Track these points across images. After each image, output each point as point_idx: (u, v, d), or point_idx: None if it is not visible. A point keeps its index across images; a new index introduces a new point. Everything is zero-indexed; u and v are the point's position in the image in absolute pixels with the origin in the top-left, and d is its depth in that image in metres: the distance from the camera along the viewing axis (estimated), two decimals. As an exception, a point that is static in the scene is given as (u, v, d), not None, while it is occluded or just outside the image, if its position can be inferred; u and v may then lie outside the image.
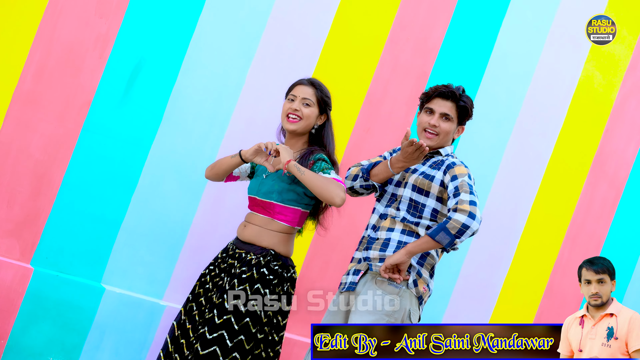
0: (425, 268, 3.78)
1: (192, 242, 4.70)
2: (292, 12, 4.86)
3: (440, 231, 3.64)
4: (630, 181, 5.69)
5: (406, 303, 3.71)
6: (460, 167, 3.76)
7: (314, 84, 3.97)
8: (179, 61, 4.67)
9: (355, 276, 3.80)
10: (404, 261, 3.68)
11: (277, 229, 3.86)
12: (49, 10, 4.45)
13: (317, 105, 3.94)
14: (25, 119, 4.44)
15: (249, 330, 3.72)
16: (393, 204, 3.84)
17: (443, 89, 3.85)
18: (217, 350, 3.66)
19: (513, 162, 5.40)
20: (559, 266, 5.56)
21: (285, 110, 3.92)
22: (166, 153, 4.65)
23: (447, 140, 3.88)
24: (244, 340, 3.70)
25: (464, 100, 3.85)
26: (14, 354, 4.39)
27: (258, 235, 3.87)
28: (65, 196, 4.51)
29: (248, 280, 3.76)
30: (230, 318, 3.70)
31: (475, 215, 3.63)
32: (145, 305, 4.62)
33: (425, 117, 3.87)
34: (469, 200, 3.66)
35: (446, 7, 5.17)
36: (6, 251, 4.44)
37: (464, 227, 3.62)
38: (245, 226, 3.91)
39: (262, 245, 3.85)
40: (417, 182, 3.80)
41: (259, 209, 3.88)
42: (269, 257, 3.81)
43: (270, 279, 3.80)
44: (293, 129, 3.92)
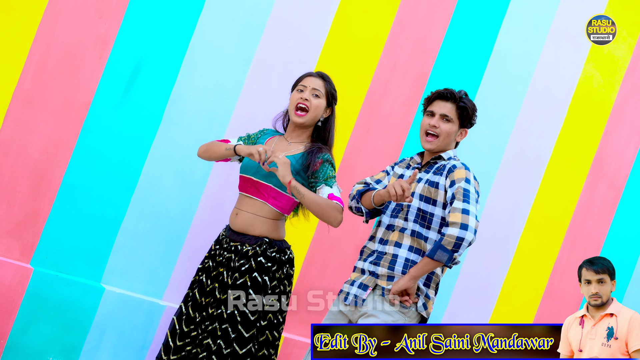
0: (432, 288, 3.78)
1: (192, 242, 4.70)
2: (292, 12, 4.86)
3: (437, 250, 3.63)
4: (630, 181, 5.69)
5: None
6: (460, 171, 3.74)
7: (323, 76, 4.03)
8: (179, 61, 4.67)
9: (362, 291, 3.77)
10: (410, 286, 3.67)
11: (268, 215, 3.90)
12: (49, 11, 4.45)
13: (325, 98, 3.98)
14: (25, 119, 4.44)
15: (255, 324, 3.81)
16: (400, 214, 3.82)
17: (442, 91, 3.87)
18: (227, 345, 3.76)
19: (512, 162, 5.40)
20: (558, 266, 5.56)
21: (295, 101, 3.95)
22: (166, 153, 4.65)
23: (448, 142, 3.86)
24: (252, 333, 3.80)
25: (464, 101, 3.85)
26: (14, 354, 4.38)
27: (251, 223, 3.90)
28: (65, 196, 4.51)
29: (247, 272, 3.82)
30: (235, 314, 3.78)
31: (468, 224, 3.60)
32: (145, 305, 4.62)
33: (426, 119, 3.87)
34: (461, 208, 3.64)
35: (446, 7, 5.17)
36: (6, 251, 4.44)
37: (459, 239, 3.60)
38: (238, 214, 3.94)
39: (255, 234, 3.89)
40: (424, 191, 3.77)
41: (253, 191, 3.91)
42: (264, 245, 3.85)
43: (269, 267, 3.85)
44: (301, 122, 3.95)
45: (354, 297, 3.77)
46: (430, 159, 3.87)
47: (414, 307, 3.71)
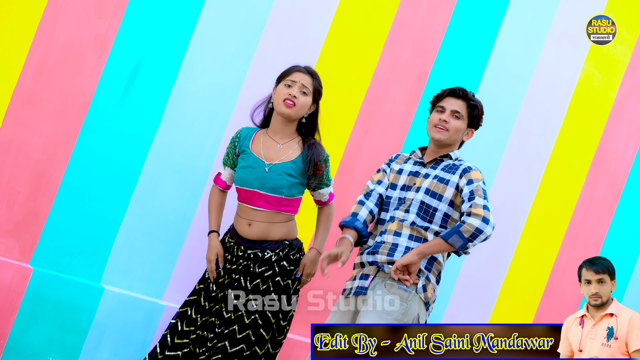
0: (433, 273, 3.78)
1: (192, 242, 4.69)
2: (291, 11, 4.85)
3: (454, 234, 3.65)
4: (630, 180, 5.68)
5: (415, 307, 3.71)
6: (476, 172, 3.81)
7: (312, 73, 4.05)
8: (179, 61, 4.66)
9: (363, 281, 3.78)
10: (415, 262, 3.67)
11: (283, 219, 3.91)
12: (48, 10, 4.44)
13: (312, 95, 3.99)
14: (25, 118, 4.44)
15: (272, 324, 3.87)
16: (401, 206, 3.83)
17: (455, 89, 3.92)
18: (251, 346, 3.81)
19: (512, 161, 5.39)
20: (558, 266, 5.56)
21: (282, 95, 3.95)
22: (166, 153, 4.65)
23: (456, 139, 3.88)
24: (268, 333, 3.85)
25: (474, 100, 3.91)
26: (14, 354, 4.38)
27: (267, 231, 3.90)
28: (65, 196, 4.50)
29: (270, 277, 3.85)
30: (257, 318, 3.82)
31: (489, 220, 3.67)
32: (145, 305, 4.62)
33: (436, 115, 3.90)
34: (483, 205, 3.69)
35: (446, 6, 5.17)
36: (5, 251, 4.44)
37: (478, 231, 3.65)
38: (251, 225, 3.92)
39: (274, 239, 3.90)
40: (431, 186, 3.80)
41: (263, 203, 3.90)
42: (286, 249, 3.86)
43: (291, 270, 3.91)
44: (289, 113, 3.94)
45: (357, 288, 3.79)
46: (438, 156, 3.89)
47: (413, 288, 3.71)
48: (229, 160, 4.08)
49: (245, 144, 4.03)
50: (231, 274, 3.92)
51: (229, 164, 4.08)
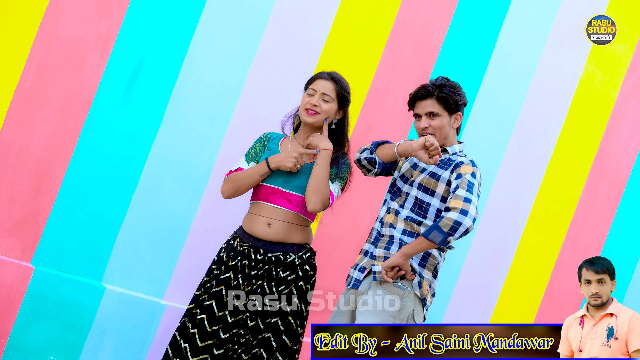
0: (427, 269, 3.78)
1: (193, 241, 4.70)
2: (293, 10, 4.85)
3: (433, 230, 3.64)
4: (631, 180, 5.68)
5: (410, 304, 3.72)
6: (467, 166, 3.76)
7: (334, 78, 3.96)
8: (180, 60, 4.67)
9: (360, 273, 3.83)
10: (400, 263, 3.68)
11: (303, 223, 3.88)
12: (50, 9, 4.45)
13: (336, 101, 3.95)
14: (26, 117, 4.45)
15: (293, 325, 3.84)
16: (398, 198, 3.85)
17: (417, 92, 3.87)
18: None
19: (514, 161, 5.40)
20: (559, 266, 5.56)
21: (304, 104, 3.92)
22: (167, 152, 4.66)
23: (446, 135, 3.87)
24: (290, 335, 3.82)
25: (443, 92, 3.83)
26: (15, 353, 4.39)
27: (288, 232, 3.83)
28: (66, 195, 4.51)
29: (293, 281, 3.79)
30: (278, 320, 3.78)
31: (468, 211, 3.61)
32: (146, 305, 4.62)
33: (416, 123, 3.90)
34: (464, 197, 3.65)
35: (447, 6, 5.17)
36: (7, 250, 4.45)
37: (456, 224, 3.61)
38: (270, 224, 3.85)
39: (296, 242, 3.85)
40: (423, 181, 3.80)
41: (284, 202, 3.84)
42: (308, 252, 3.85)
43: (311, 275, 3.87)
44: (312, 122, 3.92)
45: (354, 280, 3.83)
46: None
47: (408, 285, 3.71)
48: (255, 155, 3.97)
49: (275, 143, 4.01)
50: (251, 279, 3.81)
51: (253, 158, 3.96)
